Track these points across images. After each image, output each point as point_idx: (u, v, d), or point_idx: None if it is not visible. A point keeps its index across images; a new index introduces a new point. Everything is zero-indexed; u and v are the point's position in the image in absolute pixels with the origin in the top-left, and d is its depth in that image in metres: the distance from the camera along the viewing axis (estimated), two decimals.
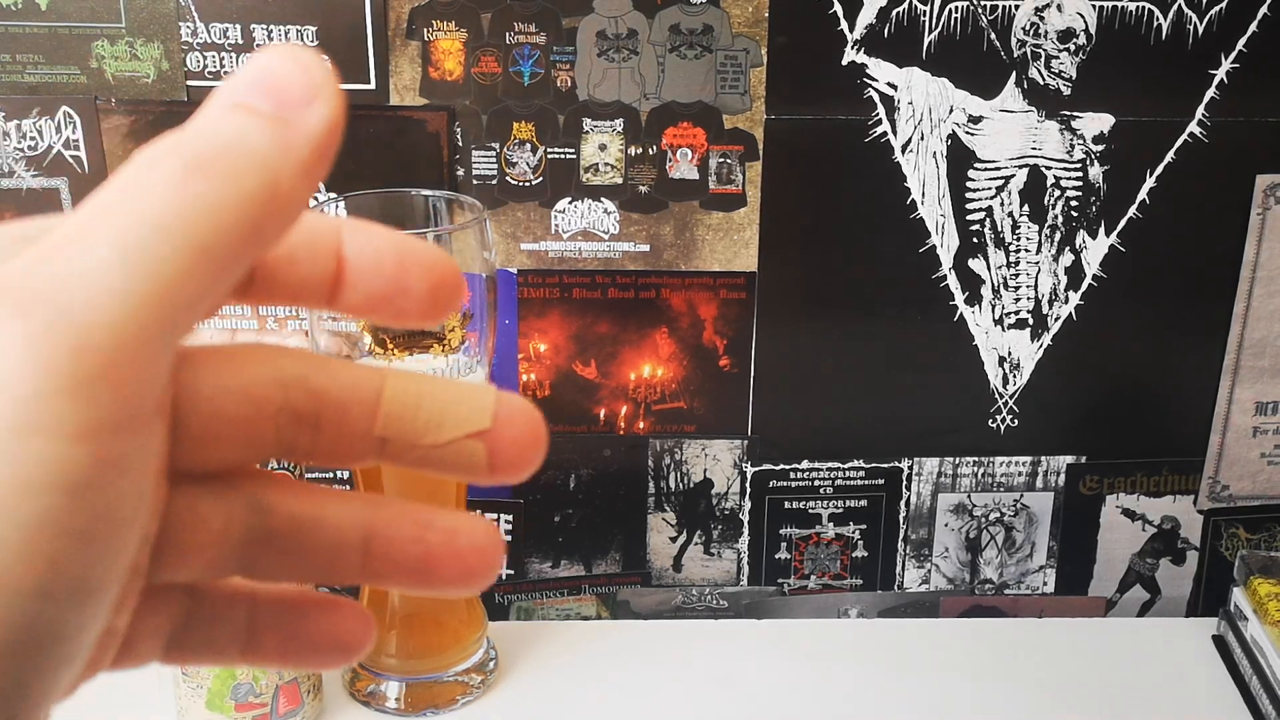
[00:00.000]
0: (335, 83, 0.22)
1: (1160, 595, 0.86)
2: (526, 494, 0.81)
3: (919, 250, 0.77)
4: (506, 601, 0.84)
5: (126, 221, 0.19)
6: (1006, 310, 0.78)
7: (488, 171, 0.75)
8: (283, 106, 0.21)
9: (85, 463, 0.19)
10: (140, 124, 0.73)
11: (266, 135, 0.21)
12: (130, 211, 0.20)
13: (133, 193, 0.20)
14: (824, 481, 0.82)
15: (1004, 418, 0.81)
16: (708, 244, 0.76)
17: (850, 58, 0.73)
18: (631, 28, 0.72)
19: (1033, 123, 0.74)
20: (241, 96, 0.21)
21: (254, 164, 0.21)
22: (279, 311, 0.77)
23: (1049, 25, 0.72)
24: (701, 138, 0.74)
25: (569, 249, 0.76)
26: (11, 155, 0.73)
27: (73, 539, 0.19)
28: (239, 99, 0.21)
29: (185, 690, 0.64)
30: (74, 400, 0.19)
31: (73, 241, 0.19)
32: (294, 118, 0.21)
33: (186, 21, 0.71)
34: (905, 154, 0.75)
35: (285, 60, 0.22)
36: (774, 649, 0.77)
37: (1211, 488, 0.83)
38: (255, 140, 0.21)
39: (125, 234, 0.19)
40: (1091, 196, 0.76)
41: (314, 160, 0.21)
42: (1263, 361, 0.80)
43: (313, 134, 0.21)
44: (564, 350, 0.78)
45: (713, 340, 0.79)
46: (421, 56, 0.72)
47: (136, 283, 0.19)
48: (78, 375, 0.19)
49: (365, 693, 0.71)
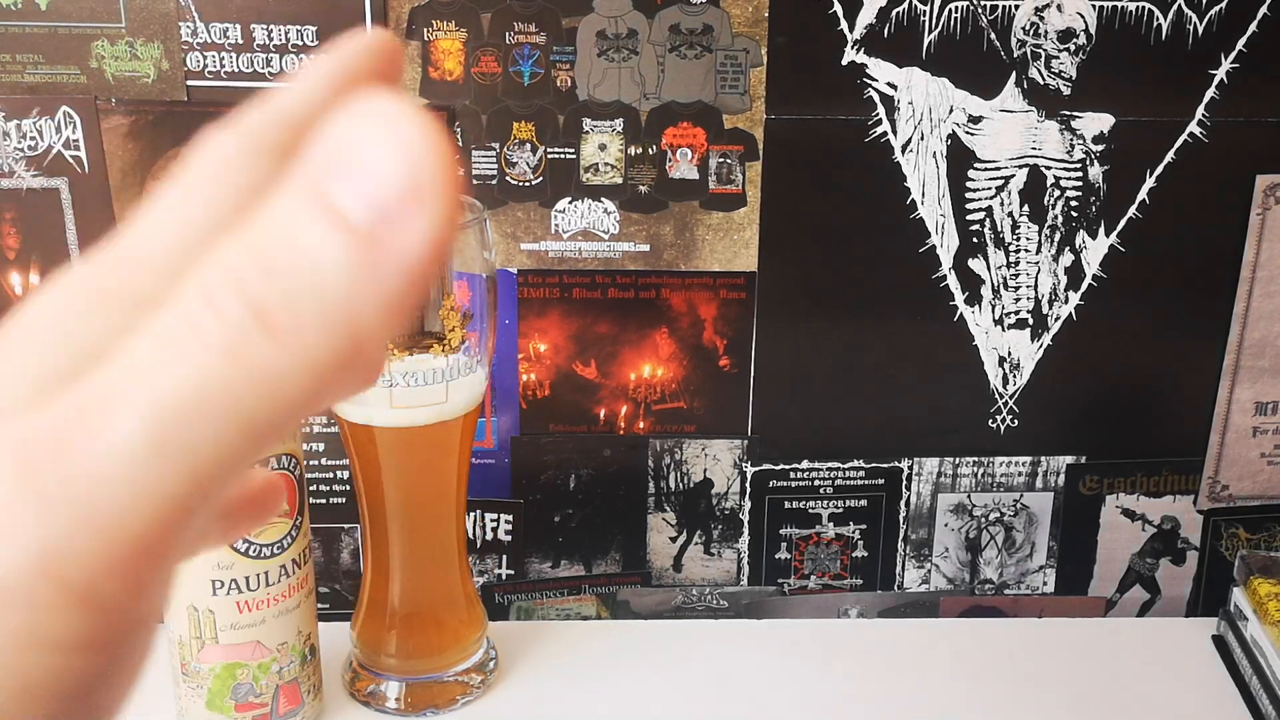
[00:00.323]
0: (448, 172, 0.16)
1: (1160, 595, 0.86)
2: (526, 494, 0.81)
3: (919, 250, 0.77)
4: (506, 601, 0.84)
5: (165, 387, 0.16)
6: (1006, 310, 0.78)
7: (488, 171, 0.75)
8: (376, 212, 0.16)
9: (90, 669, 0.17)
10: (140, 124, 0.73)
11: (349, 268, 0.16)
12: (172, 375, 0.16)
13: (178, 347, 0.16)
14: (824, 481, 0.82)
15: (1004, 418, 0.81)
16: (708, 244, 0.76)
17: (850, 58, 0.73)
18: (631, 27, 0.72)
19: (1033, 123, 0.74)
20: (329, 185, 0.16)
21: (329, 318, 0.16)
22: None
23: (1049, 25, 0.72)
24: (701, 138, 0.74)
25: (569, 249, 0.76)
26: (11, 155, 0.73)
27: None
28: (324, 189, 0.16)
29: (185, 690, 0.64)
30: (84, 612, 0.17)
31: (103, 408, 0.17)
32: (387, 235, 0.16)
33: (186, 21, 0.71)
34: (905, 154, 0.75)
35: (388, 131, 0.16)
36: (774, 649, 0.77)
37: (1211, 488, 0.83)
38: (334, 278, 0.16)
39: (161, 405, 0.16)
40: (1091, 196, 0.76)
41: (403, 298, 0.16)
42: (1262, 361, 0.80)
43: (408, 260, 0.16)
44: (564, 350, 0.78)
45: (713, 340, 0.79)
46: (421, 56, 0.72)
47: (168, 474, 0.16)
48: (92, 588, 0.17)
49: (365, 693, 0.71)
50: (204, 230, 0.19)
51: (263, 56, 0.71)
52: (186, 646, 0.62)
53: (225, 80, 0.72)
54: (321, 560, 0.83)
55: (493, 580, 0.84)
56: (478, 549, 0.83)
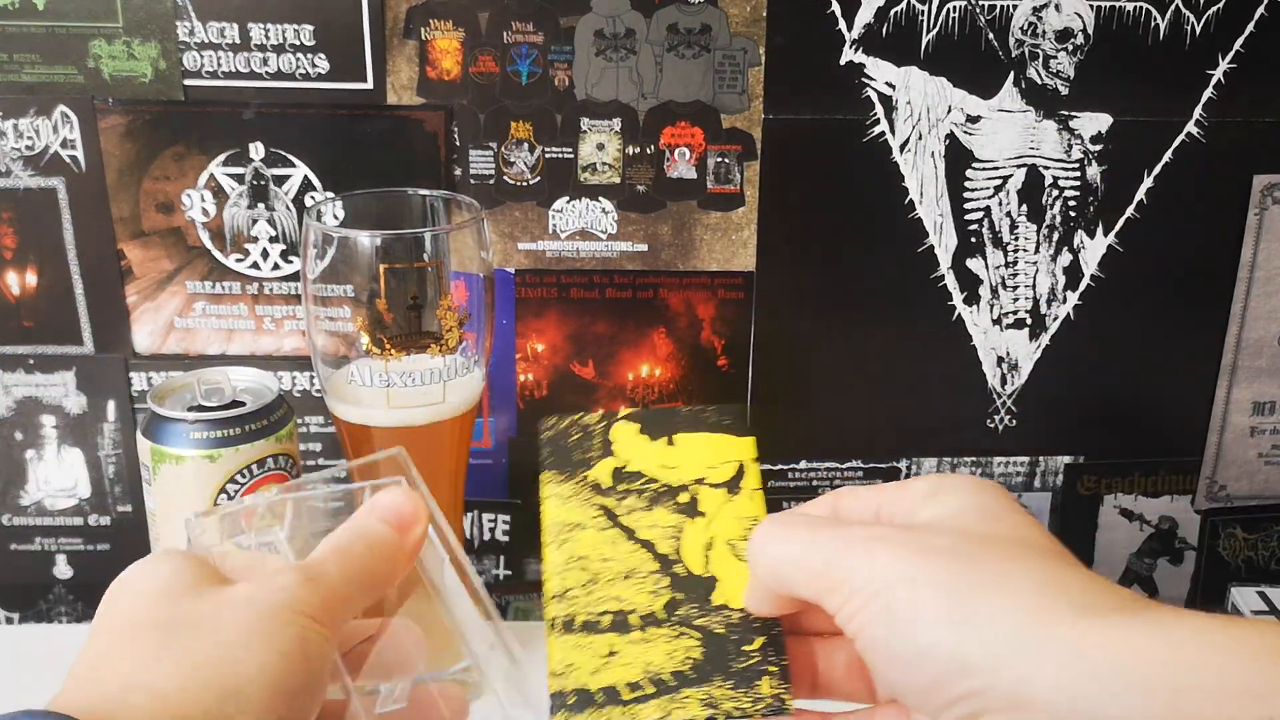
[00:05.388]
0: (426, 515, 0.43)
1: (1158, 595, 0.86)
2: (524, 494, 0.81)
3: (917, 250, 0.77)
4: (504, 602, 0.84)
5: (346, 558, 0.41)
6: (1005, 310, 0.78)
7: (485, 171, 0.74)
8: (401, 527, 0.42)
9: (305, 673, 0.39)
10: (137, 123, 0.73)
11: (394, 540, 0.42)
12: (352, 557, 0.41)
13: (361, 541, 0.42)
14: (822, 481, 0.82)
15: (1002, 418, 0.81)
16: (706, 243, 0.76)
17: (848, 57, 0.73)
18: (629, 27, 0.72)
19: (1031, 122, 0.74)
20: (384, 515, 0.42)
21: (388, 554, 0.42)
22: (275, 312, 0.77)
23: (1047, 25, 0.72)
24: (699, 137, 0.74)
25: (566, 249, 0.76)
26: (9, 155, 0.73)
27: None
28: (383, 516, 0.42)
29: None
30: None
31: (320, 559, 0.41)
32: (405, 535, 0.42)
33: (183, 21, 0.70)
34: (903, 153, 0.75)
35: (401, 502, 0.43)
36: None
37: (1209, 488, 0.83)
38: (390, 541, 0.42)
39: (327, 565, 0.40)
40: (1089, 196, 0.76)
41: (414, 555, 0.43)
42: (1260, 361, 0.80)
43: (414, 544, 0.43)
44: (561, 350, 0.78)
45: (710, 340, 0.79)
46: (419, 56, 0.72)
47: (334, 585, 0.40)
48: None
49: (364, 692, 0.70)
50: None
51: (259, 56, 0.71)
52: None
53: (222, 80, 0.72)
54: None
55: (490, 581, 0.83)
56: (475, 549, 0.83)
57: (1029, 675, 0.32)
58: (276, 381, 0.63)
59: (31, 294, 0.76)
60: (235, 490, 0.60)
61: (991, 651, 0.33)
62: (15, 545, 0.81)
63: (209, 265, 0.76)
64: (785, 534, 0.39)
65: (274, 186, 0.74)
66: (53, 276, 0.76)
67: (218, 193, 0.74)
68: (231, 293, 0.76)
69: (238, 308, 0.76)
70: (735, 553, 0.44)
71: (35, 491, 0.80)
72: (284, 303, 0.77)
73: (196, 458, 0.59)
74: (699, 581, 0.44)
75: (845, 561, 0.36)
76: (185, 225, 0.75)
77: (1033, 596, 0.33)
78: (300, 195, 0.74)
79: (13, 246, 0.75)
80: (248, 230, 0.75)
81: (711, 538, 0.45)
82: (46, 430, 0.79)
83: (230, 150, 0.73)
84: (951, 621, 0.33)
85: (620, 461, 0.48)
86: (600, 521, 0.46)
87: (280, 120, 0.73)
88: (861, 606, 0.35)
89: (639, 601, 0.43)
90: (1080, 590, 0.34)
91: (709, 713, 0.40)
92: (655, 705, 0.40)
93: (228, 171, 0.74)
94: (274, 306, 0.77)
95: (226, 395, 0.62)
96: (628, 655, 0.42)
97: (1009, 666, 0.32)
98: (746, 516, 0.46)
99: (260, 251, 0.75)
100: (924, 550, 0.35)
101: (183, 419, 0.59)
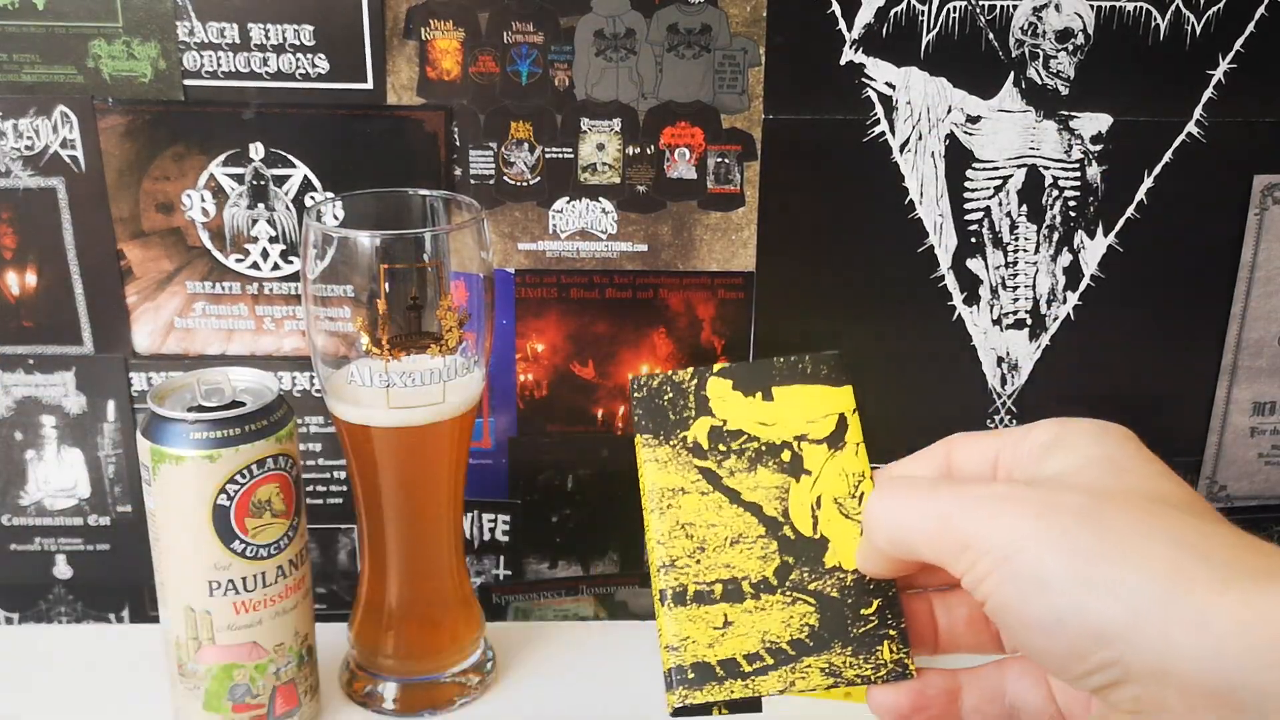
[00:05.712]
0: None
1: None
2: (524, 494, 0.81)
3: (917, 250, 0.77)
4: (504, 602, 0.84)
5: None
6: (1005, 310, 0.78)
7: (485, 171, 0.74)
8: None
9: None
10: (137, 123, 0.72)
11: None
12: None
13: None
14: None
15: (1002, 418, 0.81)
16: (705, 244, 0.76)
17: (848, 57, 0.73)
18: (629, 27, 0.72)
19: (1031, 122, 0.74)
20: None
21: None
22: (275, 312, 0.77)
23: (1047, 25, 0.72)
24: (699, 137, 0.74)
25: (567, 249, 0.76)
26: (8, 155, 0.73)
27: None
28: None
29: (182, 691, 0.63)
30: None
31: None
32: None
33: (183, 21, 0.70)
34: (903, 154, 0.75)
35: None
36: None
37: (1209, 488, 0.83)
38: None
39: None
40: (1090, 196, 0.76)
41: None
42: (1260, 361, 0.80)
43: None
44: (561, 350, 0.78)
45: (710, 340, 0.79)
46: (419, 56, 0.72)
47: None
48: None
49: (363, 693, 0.70)
50: None
51: (259, 56, 0.71)
52: (183, 647, 0.62)
53: (222, 80, 0.72)
54: (319, 561, 0.83)
55: (490, 581, 0.83)
56: (475, 549, 0.83)
57: (1168, 646, 0.31)
58: (276, 381, 0.63)
59: (31, 294, 0.76)
60: (235, 491, 0.60)
61: (1126, 620, 0.31)
62: (15, 545, 0.81)
63: (209, 265, 0.76)
64: (903, 499, 0.38)
65: (274, 186, 0.74)
66: (52, 276, 0.76)
67: (218, 193, 0.74)
68: (231, 293, 0.76)
69: (238, 308, 0.76)
70: (843, 511, 0.43)
71: (35, 491, 0.80)
72: (284, 303, 0.77)
73: (196, 458, 0.59)
74: (809, 544, 0.42)
75: (969, 525, 0.35)
76: (185, 225, 0.75)
77: (1169, 561, 0.32)
78: (300, 195, 0.74)
79: (12, 246, 0.75)
80: (248, 230, 0.75)
81: (818, 496, 0.44)
82: (46, 430, 0.79)
83: (230, 150, 0.73)
84: (1084, 587, 0.32)
85: (717, 420, 0.46)
86: (701, 485, 0.44)
87: (280, 120, 0.73)
88: (990, 569, 0.34)
89: (750, 568, 0.42)
90: (1221, 551, 0.32)
91: (830, 681, 0.39)
92: (776, 676, 0.39)
93: (228, 171, 0.74)
94: (274, 306, 0.77)
95: (226, 395, 0.62)
96: (743, 625, 0.41)
97: (1145, 636, 0.31)
98: (852, 473, 0.44)
99: (260, 252, 0.75)
100: (1053, 508, 0.34)
101: (183, 419, 0.59)
